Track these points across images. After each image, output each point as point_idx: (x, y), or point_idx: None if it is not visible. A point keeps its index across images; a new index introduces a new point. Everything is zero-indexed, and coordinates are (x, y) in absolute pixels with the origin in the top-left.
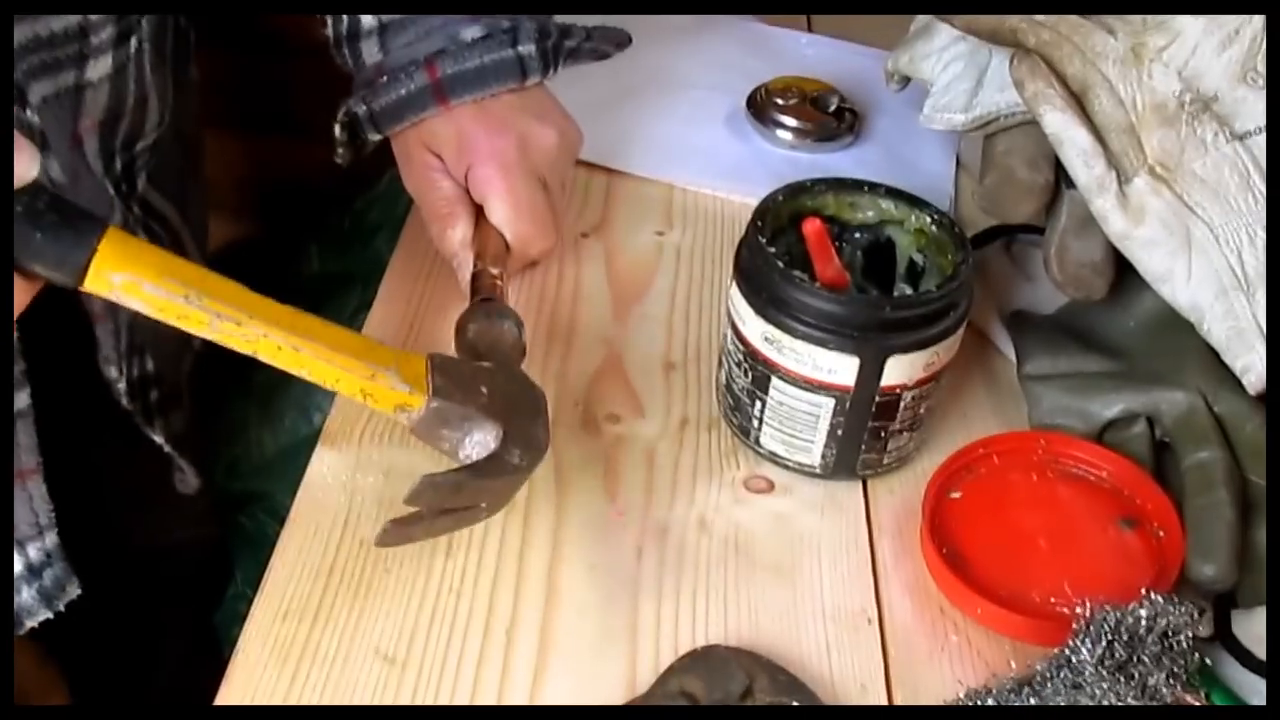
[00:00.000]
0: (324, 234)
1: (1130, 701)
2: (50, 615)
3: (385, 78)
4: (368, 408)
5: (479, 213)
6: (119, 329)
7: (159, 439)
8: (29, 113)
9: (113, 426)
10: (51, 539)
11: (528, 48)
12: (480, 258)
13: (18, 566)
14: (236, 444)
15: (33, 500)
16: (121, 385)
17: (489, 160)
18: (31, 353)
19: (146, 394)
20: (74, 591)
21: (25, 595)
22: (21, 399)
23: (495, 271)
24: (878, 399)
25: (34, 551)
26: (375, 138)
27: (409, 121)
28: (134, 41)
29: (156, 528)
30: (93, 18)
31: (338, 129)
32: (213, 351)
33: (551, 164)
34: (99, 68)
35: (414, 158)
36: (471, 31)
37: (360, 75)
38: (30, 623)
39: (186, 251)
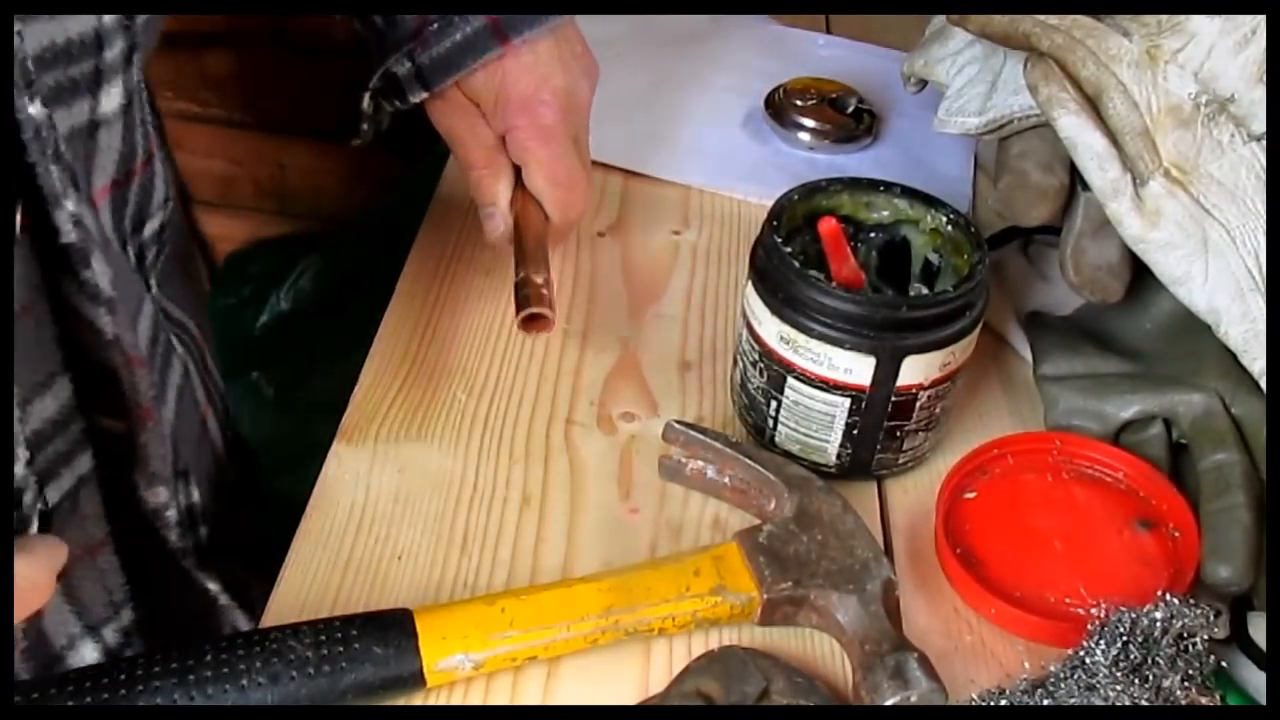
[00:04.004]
0: (344, 234)
1: (1144, 704)
2: None
3: (435, 25)
4: (384, 404)
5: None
6: (164, 436)
7: (214, 587)
8: (61, 146)
9: (157, 572)
10: (128, 615)
11: None
12: (521, 259)
13: (93, 654)
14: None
15: (104, 575)
16: (171, 514)
17: (529, 126)
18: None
19: (196, 529)
20: None
21: None
22: (84, 463)
23: (539, 280)
24: (893, 399)
25: (111, 634)
26: (417, 99)
27: (467, 69)
28: (135, 66)
29: None
30: (107, 23)
31: (366, 100)
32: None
33: (585, 118)
34: (112, 97)
35: (453, 101)
36: None
37: (397, 33)
38: None
39: (209, 372)
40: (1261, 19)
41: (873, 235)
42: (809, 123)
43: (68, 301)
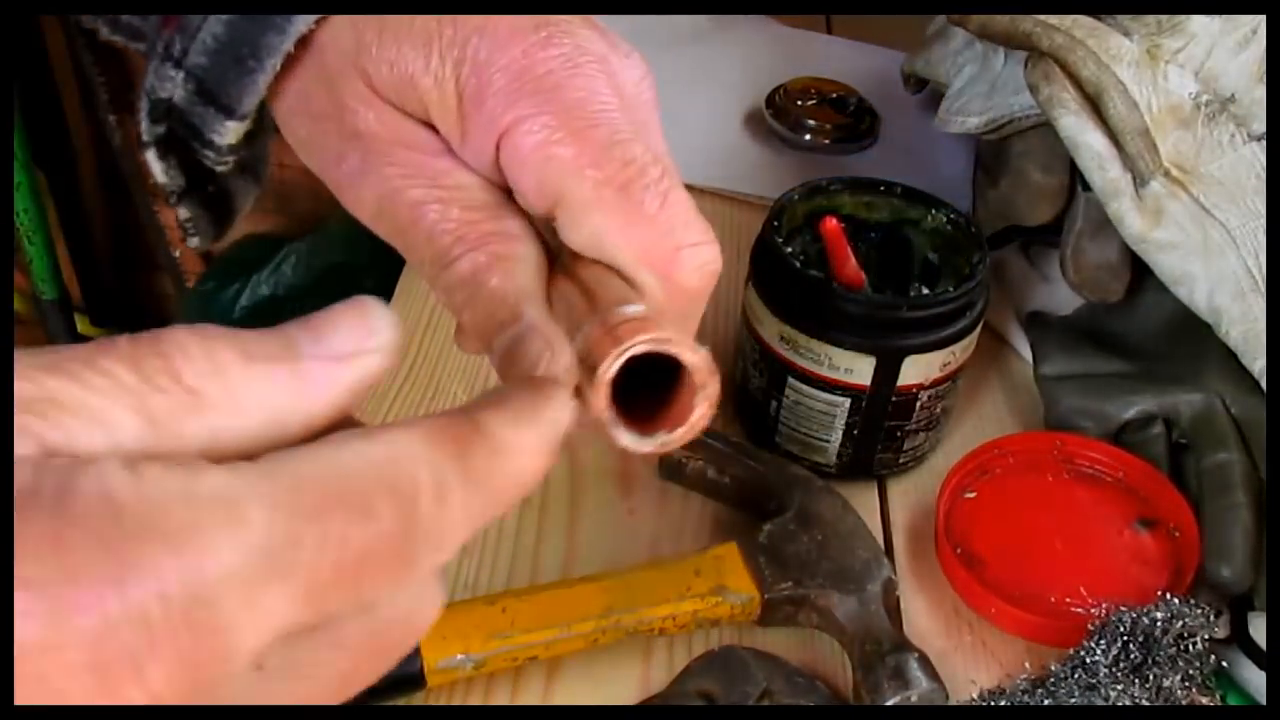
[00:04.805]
0: (336, 226)
1: (1145, 704)
2: None
3: None
4: (389, 396)
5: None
6: None
7: None
8: None
9: None
10: None
11: None
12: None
13: None
14: None
15: None
16: None
17: (546, 111)
18: None
19: None
20: None
21: None
22: None
23: (666, 335)
24: (894, 399)
25: None
26: (226, 136)
27: (283, 41)
28: None
29: None
30: None
31: (155, 164)
32: None
33: (653, 118)
34: None
35: (369, 137)
36: None
37: (150, 27)
38: None
39: None
40: (1261, 19)
41: (873, 235)
42: (810, 122)
43: None
